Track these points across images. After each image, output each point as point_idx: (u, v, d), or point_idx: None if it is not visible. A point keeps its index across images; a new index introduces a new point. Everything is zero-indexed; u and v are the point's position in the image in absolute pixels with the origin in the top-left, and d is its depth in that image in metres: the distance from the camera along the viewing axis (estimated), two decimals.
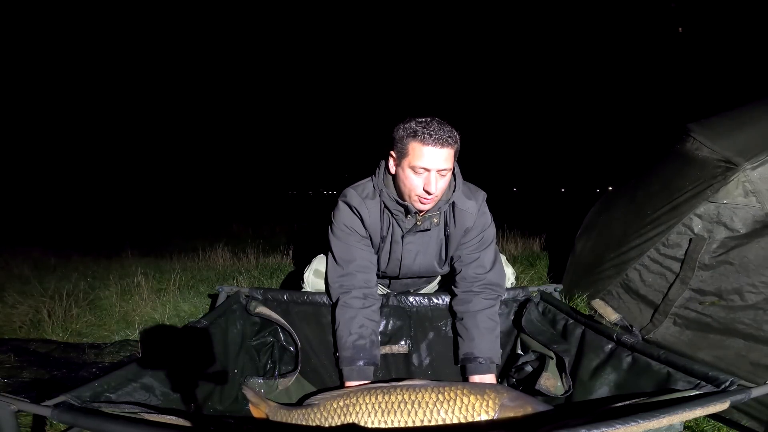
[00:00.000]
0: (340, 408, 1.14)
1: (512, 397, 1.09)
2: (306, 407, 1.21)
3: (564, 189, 60.34)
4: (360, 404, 1.13)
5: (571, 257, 2.60)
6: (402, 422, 1.07)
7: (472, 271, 1.54)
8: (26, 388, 1.57)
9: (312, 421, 1.16)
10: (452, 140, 1.32)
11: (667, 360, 1.10)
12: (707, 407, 0.83)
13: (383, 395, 1.12)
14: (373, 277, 1.56)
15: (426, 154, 1.30)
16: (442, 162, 1.31)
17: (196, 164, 66.71)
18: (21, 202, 12.58)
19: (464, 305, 1.53)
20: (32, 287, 2.72)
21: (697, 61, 22.35)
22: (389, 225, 1.51)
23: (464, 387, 1.12)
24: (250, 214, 10.92)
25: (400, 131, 1.36)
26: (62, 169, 29.75)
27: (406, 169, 1.35)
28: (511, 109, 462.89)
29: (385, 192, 1.46)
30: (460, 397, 1.08)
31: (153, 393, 1.05)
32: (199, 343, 1.32)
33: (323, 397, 1.21)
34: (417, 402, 1.09)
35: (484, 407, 1.06)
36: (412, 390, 1.12)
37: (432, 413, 1.07)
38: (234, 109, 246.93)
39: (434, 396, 1.10)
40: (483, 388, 1.13)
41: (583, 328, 1.43)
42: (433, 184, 1.33)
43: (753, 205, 1.56)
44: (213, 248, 4.36)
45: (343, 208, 1.51)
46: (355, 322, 1.46)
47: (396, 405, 1.10)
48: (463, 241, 1.54)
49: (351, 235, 1.51)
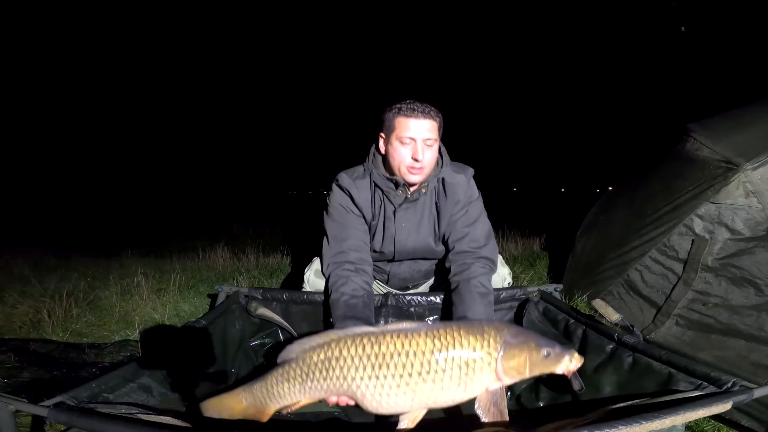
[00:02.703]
0: (322, 362, 0.99)
1: (513, 333, 0.98)
2: (282, 366, 1.04)
3: (564, 189, 60.33)
4: (345, 357, 0.98)
5: (571, 257, 2.60)
6: (396, 375, 0.94)
7: (466, 245, 1.58)
8: (25, 388, 1.56)
9: (292, 380, 1.01)
10: (434, 113, 1.48)
11: (669, 360, 1.10)
12: (709, 408, 0.82)
13: (371, 345, 0.97)
14: (367, 257, 1.58)
15: (411, 125, 1.45)
16: (425, 131, 1.46)
17: (196, 164, 66.71)
18: (21, 202, 12.58)
19: (459, 275, 1.55)
20: (32, 287, 2.72)
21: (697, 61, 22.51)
22: (381, 203, 1.61)
23: (461, 327, 1.00)
24: (250, 214, 10.91)
25: (386, 113, 1.51)
26: (62, 169, 29.76)
27: (395, 143, 1.48)
28: (511, 109, 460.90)
29: (375, 172, 1.57)
30: (459, 341, 0.95)
31: (151, 393, 1.05)
32: (198, 343, 1.32)
33: (301, 348, 1.03)
34: (412, 352, 0.95)
35: (486, 348, 0.95)
36: (404, 337, 0.98)
37: (430, 363, 0.94)
38: (234, 109, 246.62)
39: (430, 342, 0.96)
40: (481, 326, 1.01)
41: (584, 328, 1.42)
42: (420, 152, 1.45)
43: (754, 206, 1.55)
44: (213, 248, 4.36)
45: (335, 190, 1.61)
46: (347, 287, 1.47)
47: (388, 357, 0.95)
48: (454, 212, 1.60)
49: (344, 215, 1.59)
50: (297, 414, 1.46)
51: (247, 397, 1.06)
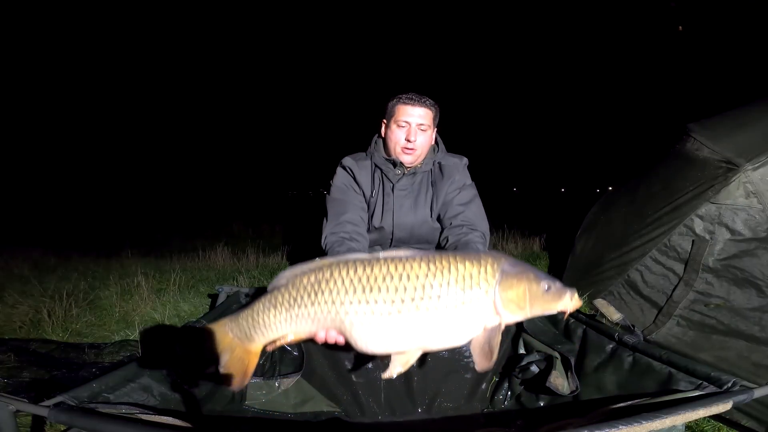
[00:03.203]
0: (311, 285, 0.93)
1: (511, 263, 0.94)
2: (270, 292, 0.99)
3: (564, 189, 60.36)
4: (335, 279, 0.92)
5: (571, 257, 2.60)
6: (388, 300, 0.88)
7: (461, 220, 1.71)
8: (26, 388, 1.56)
9: (279, 306, 0.96)
10: (429, 103, 1.69)
11: (669, 360, 1.10)
12: (710, 408, 0.82)
13: (363, 268, 0.91)
14: (363, 231, 1.71)
15: (408, 111, 1.67)
16: (419, 117, 1.67)
17: (196, 164, 66.72)
18: (21, 202, 12.59)
19: (456, 243, 1.65)
20: (32, 287, 2.72)
21: (697, 61, 22.47)
22: (380, 181, 1.78)
23: (457, 254, 0.95)
24: (250, 214, 10.90)
25: (390, 102, 1.72)
26: (62, 169, 29.76)
27: (393, 126, 1.70)
28: (511, 109, 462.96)
29: (376, 154, 1.78)
30: (455, 266, 0.90)
31: (151, 393, 1.05)
32: (198, 344, 1.32)
33: (292, 273, 0.98)
34: (405, 275, 0.89)
35: (483, 275, 0.90)
36: (398, 261, 0.92)
37: (424, 288, 0.88)
38: (234, 108, 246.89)
39: (425, 266, 0.90)
40: (478, 254, 0.96)
41: (584, 328, 1.42)
42: (413, 134, 1.66)
43: (754, 206, 1.55)
44: (213, 248, 4.36)
45: (338, 171, 1.80)
46: (342, 247, 1.58)
47: (381, 279, 0.89)
48: (449, 191, 1.75)
49: (345, 192, 1.75)
50: (297, 414, 1.47)
51: (233, 328, 0.99)
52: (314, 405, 1.51)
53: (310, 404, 1.51)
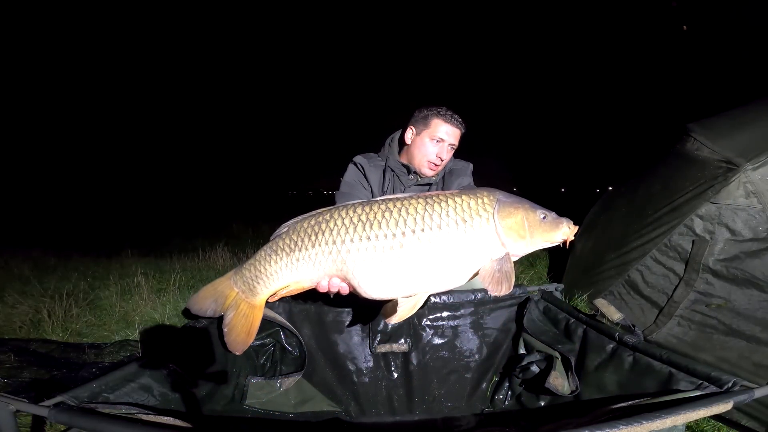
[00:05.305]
0: (311, 227, 0.93)
1: (506, 194, 0.96)
2: (272, 242, 0.98)
3: (564, 189, 60.41)
4: (335, 220, 0.91)
5: (571, 257, 2.60)
6: (389, 235, 0.87)
7: None
8: (26, 388, 1.56)
9: (280, 252, 0.95)
10: (463, 126, 1.76)
11: (669, 360, 1.10)
12: (710, 408, 0.82)
13: (362, 209, 0.91)
14: None
15: (446, 129, 1.72)
16: (453, 138, 1.74)
17: (196, 164, 66.85)
18: (21, 202, 12.58)
19: None
20: (32, 287, 2.72)
21: (697, 61, 22.48)
22: (390, 183, 1.82)
23: (453, 191, 0.96)
24: (250, 213, 10.91)
25: (424, 111, 1.75)
26: (62, 169, 29.79)
27: (425, 138, 1.73)
28: (511, 109, 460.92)
29: (391, 157, 1.82)
30: (452, 199, 0.91)
31: (151, 393, 1.05)
32: (198, 344, 1.32)
33: (293, 221, 0.98)
34: (404, 209, 0.89)
35: (480, 205, 0.91)
36: (396, 200, 0.92)
37: (424, 220, 0.88)
38: (234, 109, 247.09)
39: (423, 201, 0.90)
40: (473, 189, 0.97)
41: (584, 328, 1.42)
42: (444, 153, 1.73)
43: (754, 206, 1.55)
44: (213, 248, 4.36)
45: (349, 168, 1.84)
46: None
47: (380, 215, 0.89)
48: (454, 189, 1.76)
49: (352, 187, 1.79)
50: (297, 414, 1.47)
51: (238, 280, 1.00)
52: (315, 405, 1.51)
53: (311, 404, 1.51)
